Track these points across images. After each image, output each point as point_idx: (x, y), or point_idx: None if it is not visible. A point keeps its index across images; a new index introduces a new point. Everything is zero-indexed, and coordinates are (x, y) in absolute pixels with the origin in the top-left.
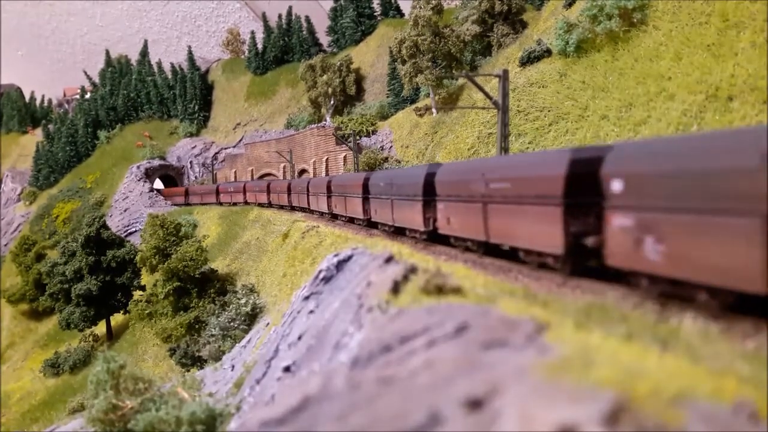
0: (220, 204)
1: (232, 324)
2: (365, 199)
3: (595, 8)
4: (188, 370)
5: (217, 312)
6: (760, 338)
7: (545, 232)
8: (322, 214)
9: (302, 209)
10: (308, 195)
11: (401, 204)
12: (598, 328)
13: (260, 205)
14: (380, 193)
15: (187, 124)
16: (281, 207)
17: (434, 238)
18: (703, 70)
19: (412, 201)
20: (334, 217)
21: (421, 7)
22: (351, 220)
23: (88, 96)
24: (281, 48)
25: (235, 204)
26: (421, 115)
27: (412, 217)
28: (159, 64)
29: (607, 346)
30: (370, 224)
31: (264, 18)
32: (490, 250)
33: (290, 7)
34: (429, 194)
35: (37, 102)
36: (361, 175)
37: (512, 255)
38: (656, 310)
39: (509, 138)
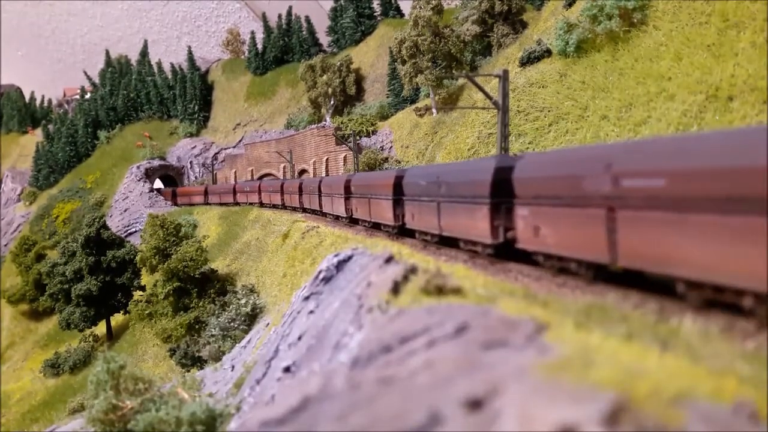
0: (237, 204)
1: (232, 324)
2: (397, 202)
3: (595, 8)
4: (188, 371)
5: (217, 312)
6: (760, 338)
7: None
8: (337, 218)
9: (314, 212)
10: (320, 196)
11: (453, 208)
12: (598, 328)
13: (274, 206)
14: (419, 195)
15: (187, 124)
16: (294, 209)
17: (506, 252)
18: (703, 70)
19: (472, 204)
20: (353, 222)
21: (421, 8)
22: (376, 226)
23: (88, 96)
24: (281, 48)
25: (251, 204)
26: (421, 116)
27: (473, 224)
28: (159, 64)
29: (607, 346)
30: (403, 232)
31: (264, 18)
32: (614, 275)
33: (290, 7)
34: (501, 195)
35: (37, 102)
36: (390, 173)
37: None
38: (656, 310)
39: (509, 138)
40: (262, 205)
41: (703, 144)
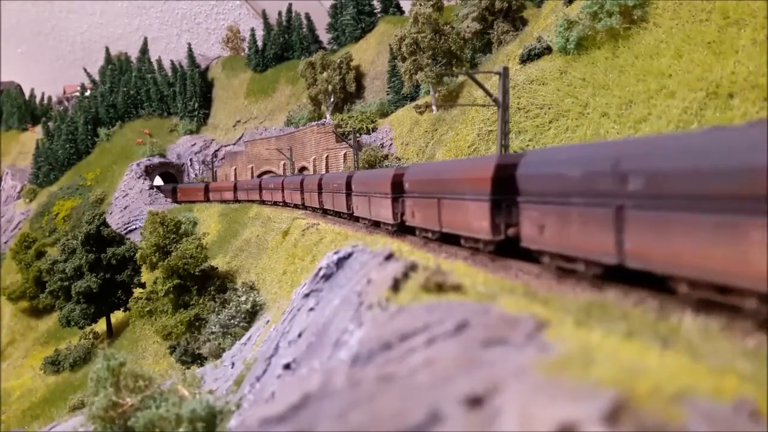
0: (263, 202)
1: (232, 321)
2: (496, 204)
3: (596, 5)
4: (188, 368)
5: (217, 309)
6: (760, 336)
7: None
8: (376, 224)
9: (336, 214)
10: (347, 195)
11: (454, 205)
12: (598, 326)
13: (296, 206)
14: (420, 192)
15: (187, 121)
16: (314, 210)
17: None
18: (703, 68)
19: (473, 201)
20: (405, 230)
21: (421, 5)
22: (445, 238)
23: (87, 93)
24: (281, 45)
25: (275, 203)
26: (421, 113)
27: (473, 221)
28: (159, 61)
29: (608, 344)
30: (509, 249)
31: (264, 15)
32: None
33: (290, 5)
34: (503, 192)
35: (37, 99)
36: (484, 162)
37: None
38: (656, 308)
39: (510, 135)
40: (285, 204)
41: (706, 143)
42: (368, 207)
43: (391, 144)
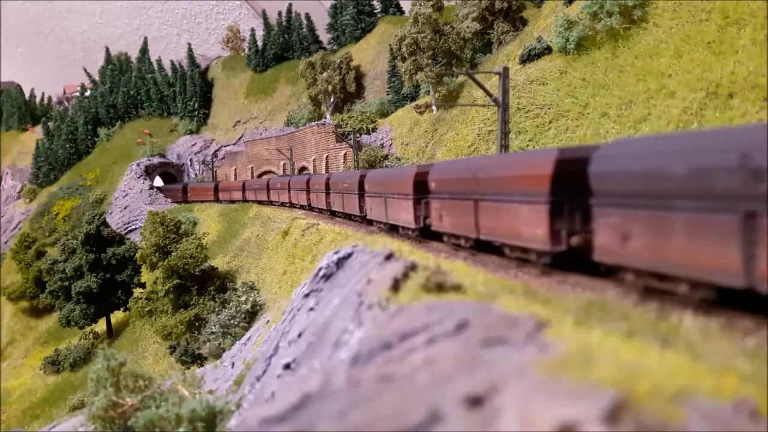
0: (271, 203)
1: (232, 321)
2: (557, 207)
3: (596, 5)
4: (188, 368)
5: (217, 309)
6: (760, 336)
7: None
8: (393, 228)
9: (347, 216)
10: (360, 196)
11: (498, 207)
12: (598, 326)
13: (302, 208)
14: (449, 192)
15: (187, 121)
16: (321, 212)
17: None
18: (703, 68)
19: (525, 204)
20: (429, 236)
21: (421, 5)
22: (482, 247)
23: (87, 93)
24: (281, 45)
25: (282, 204)
26: (421, 113)
27: (524, 227)
28: (159, 61)
29: (608, 343)
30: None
31: (264, 15)
32: None
33: (290, 5)
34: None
35: (37, 99)
36: (541, 156)
37: None
38: (656, 308)
39: (509, 135)
40: (292, 205)
41: None
42: (384, 209)
43: (391, 144)
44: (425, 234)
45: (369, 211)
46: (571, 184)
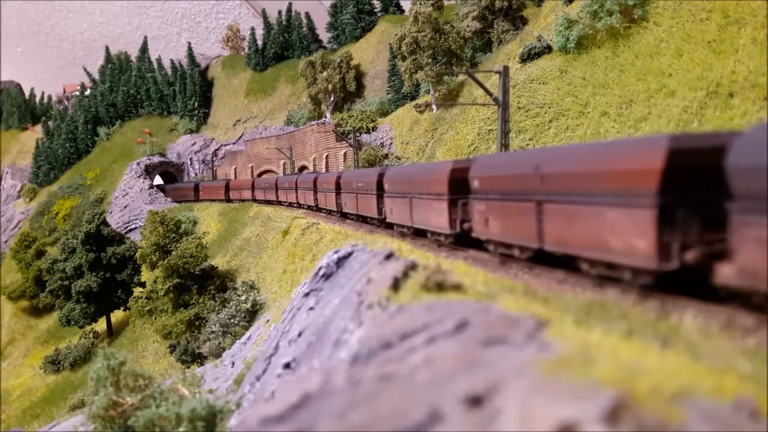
0: (279, 203)
1: (232, 321)
2: (668, 211)
3: (596, 4)
4: (188, 367)
5: (217, 309)
6: (760, 335)
7: None
8: (419, 233)
9: (361, 219)
10: (379, 197)
11: (573, 211)
12: (598, 325)
13: (309, 209)
14: (499, 192)
15: (186, 120)
16: (330, 213)
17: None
18: (703, 67)
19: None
20: (467, 242)
21: (421, 4)
22: (546, 259)
23: (87, 93)
24: (281, 44)
25: (290, 205)
26: (421, 112)
27: (616, 236)
28: (159, 60)
29: (608, 343)
30: (463, 241)
31: (264, 14)
32: None
33: (290, 4)
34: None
35: (37, 99)
36: (648, 145)
37: None
38: (656, 308)
39: (510, 135)
40: (300, 206)
41: None
42: (409, 211)
43: (391, 143)
44: (462, 241)
45: (389, 214)
46: (689, 182)
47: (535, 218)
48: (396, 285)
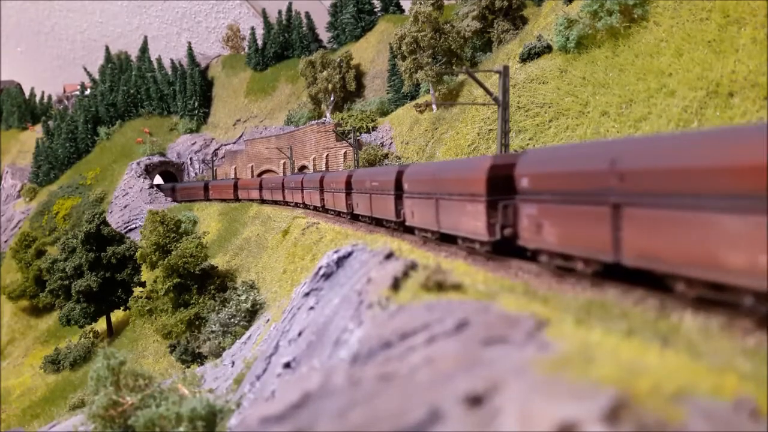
0: (286, 203)
1: (232, 320)
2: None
3: (596, 4)
4: (188, 367)
5: (217, 308)
6: (760, 335)
7: None
8: (449, 239)
9: (376, 222)
10: (397, 198)
11: (666, 215)
12: (598, 325)
13: (315, 209)
14: (557, 192)
15: (186, 120)
16: (338, 215)
17: None
18: (703, 66)
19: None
20: (507, 250)
21: (421, 3)
22: (618, 274)
23: (87, 92)
24: (281, 44)
25: (297, 206)
26: (421, 112)
27: (723, 245)
28: (159, 60)
29: (608, 342)
30: (503, 250)
31: (264, 14)
32: None
33: (290, 4)
34: None
35: (37, 98)
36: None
37: None
38: (656, 307)
39: (510, 134)
40: (306, 207)
41: None
42: (434, 214)
43: (391, 143)
44: (501, 248)
45: (410, 216)
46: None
47: (609, 225)
48: (396, 285)
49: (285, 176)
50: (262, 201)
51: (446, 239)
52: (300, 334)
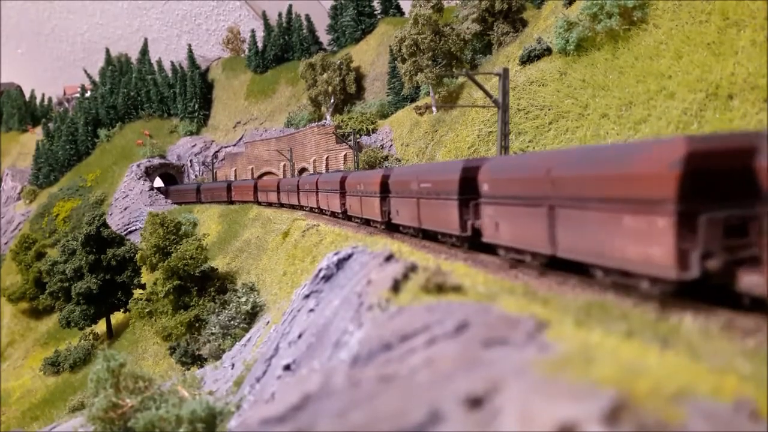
0: (302, 207)
1: (232, 322)
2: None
3: (596, 6)
4: (188, 369)
5: (217, 310)
6: (760, 336)
7: None
8: (562, 265)
9: (426, 236)
10: (461, 205)
11: None
12: (598, 326)
13: (333, 215)
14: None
15: (187, 122)
16: (367, 223)
17: None
18: (703, 69)
19: None
20: (563, 266)
21: (421, 6)
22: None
23: (88, 94)
24: (281, 46)
25: (311, 210)
26: (421, 114)
27: None
28: (159, 62)
29: (608, 343)
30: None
31: (264, 16)
32: None
33: (290, 6)
34: None
35: (37, 100)
36: (548, 155)
37: None
38: (656, 308)
39: (509, 136)
40: (321, 211)
41: None
42: (547, 229)
43: (391, 145)
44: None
45: (493, 230)
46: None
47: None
48: (396, 286)
49: (300, 178)
50: (281, 205)
51: (427, 236)
52: (300, 336)
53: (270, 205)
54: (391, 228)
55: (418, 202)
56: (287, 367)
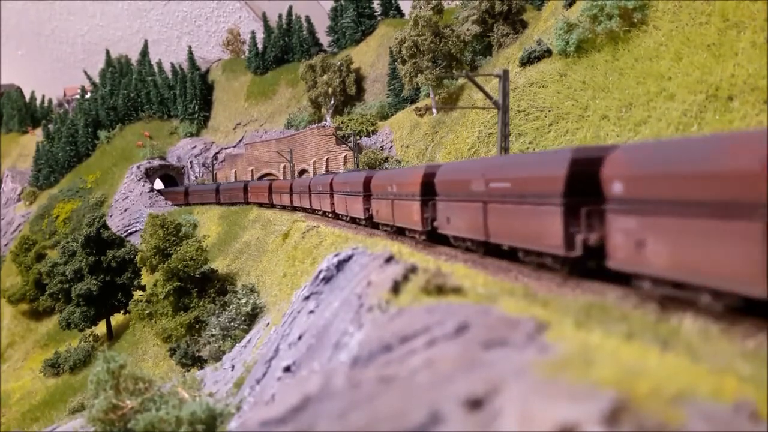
0: (314, 211)
1: (232, 324)
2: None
3: (596, 8)
4: (188, 370)
5: (217, 312)
6: (760, 337)
7: None
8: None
9: (500, 254)
10: (566, 212)
11: None
12: (598, 327)
13: (353, 222)
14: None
15: (187, 124)
16: (402, 232)
17: None
18: (703, 70)
19: None
20: (611, 276)
21: (421, 7)
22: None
23: (88, 96)
24: (281, 48)
25: (325, 214)
26: (421, 115)
27: None
28: (159, 64)
29: (608, 345)
30: (583, 269)
31: (264, 18)
32: None
33: (290, 7)
34: None
35: (37, 102)
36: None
37: None
38: (656, 310)
39: (510, 138)
40: (337, 216)
41: None
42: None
43: (391, 146)
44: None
45: (646, 254)
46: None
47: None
48: (396, 288)
49: (311, 178)
50: (294, 208)
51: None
52: (300, 337)
53: (284, 208)
54: (436, 239)
55: (485, 208)
56: (287, 369)
